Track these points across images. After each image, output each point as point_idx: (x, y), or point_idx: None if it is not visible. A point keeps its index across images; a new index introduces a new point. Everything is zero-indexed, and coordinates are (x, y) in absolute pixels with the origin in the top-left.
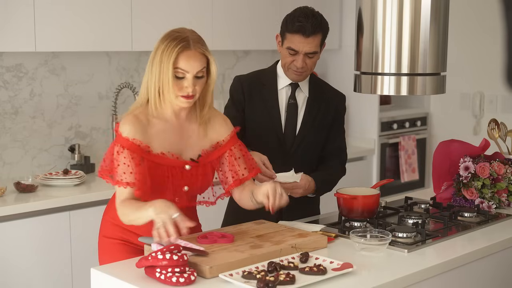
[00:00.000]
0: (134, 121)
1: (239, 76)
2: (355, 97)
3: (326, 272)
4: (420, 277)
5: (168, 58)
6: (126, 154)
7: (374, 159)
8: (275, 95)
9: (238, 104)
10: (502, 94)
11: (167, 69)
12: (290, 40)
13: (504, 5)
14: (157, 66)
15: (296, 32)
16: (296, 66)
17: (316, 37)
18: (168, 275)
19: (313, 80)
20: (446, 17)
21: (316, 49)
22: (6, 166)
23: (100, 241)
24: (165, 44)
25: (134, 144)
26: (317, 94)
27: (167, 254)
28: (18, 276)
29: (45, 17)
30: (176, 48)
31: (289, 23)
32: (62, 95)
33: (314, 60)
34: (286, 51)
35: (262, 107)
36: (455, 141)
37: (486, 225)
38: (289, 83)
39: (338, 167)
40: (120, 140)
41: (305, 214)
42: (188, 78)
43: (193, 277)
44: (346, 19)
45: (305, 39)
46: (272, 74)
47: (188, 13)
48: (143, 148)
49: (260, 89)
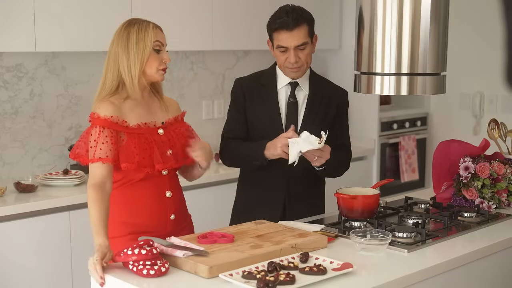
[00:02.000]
0: (109, 103)
1: (239, 78)
2: (355, 97)
3: (326, 272)
4: (420, 277)
5: (145, 35)
6: (107, 132)
7: (374, 159)
8: (274, 94)
9: (239, 106)
10: (502, 94)
11: (149, 45)
12: (277, 38)
13: (504, 5)
14: (134, 47)
15: (279, 28)
16: (290, 63)
17: (300, 29)
18: (140, 268)
19: (313, 77)
20: (446, 17)
21: (305, 40)
22: (6, 166)
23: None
24: (136, 27)
25: (113, 122)
26: (317, 92)
27: (135, 250)
28: (18, 276)
29: (45, 17)
30: (149, 25)
31: (272, 23)
32: (62, 95)
33: (307, 52)
34: (277, 51)
35: (262, 107)
36: (455, 141)
37: (486, 225)
38: (288, 82)
39: (343, 157)
40: (99, 121)
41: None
42: (164, 50)
43: (163, 269)
44: (346, 19)
45: (290, 33)
46: (271, 75)
47: (188, 13)
48: (121, 124)
49: (260, 89)
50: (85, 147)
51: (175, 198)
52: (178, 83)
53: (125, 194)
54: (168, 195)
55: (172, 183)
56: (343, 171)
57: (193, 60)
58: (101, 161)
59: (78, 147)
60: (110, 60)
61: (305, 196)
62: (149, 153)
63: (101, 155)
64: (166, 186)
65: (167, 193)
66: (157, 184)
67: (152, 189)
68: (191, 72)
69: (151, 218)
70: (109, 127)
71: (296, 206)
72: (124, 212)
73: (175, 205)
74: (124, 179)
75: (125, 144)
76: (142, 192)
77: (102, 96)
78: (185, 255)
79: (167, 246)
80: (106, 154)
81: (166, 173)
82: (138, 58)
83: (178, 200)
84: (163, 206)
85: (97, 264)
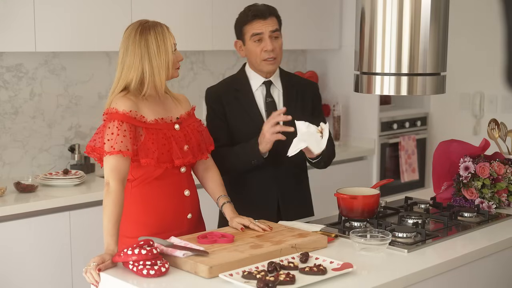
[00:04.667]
0: (126, 98)
1: (210, 87)
2: (355, 97)
3: (326, 272)
4: (420, 277)
5: (168, 38)
6: (126, 127)
7: (374, 159)
8: (251, 97)
9: (219, 113)
10: (502, 94)
11: (170, 52)
12: (252, 28)
13: (504, 5)
14: (156, 55)
15: (253, 18)
16: (267, 51)
17: (273, 18)
18: (140, 268)
19: (283, 74)
20: (446, 17)
21: (277, 26)
22: (6, 166)
23: (122, 241)
24: (153, 34)
25: (131, 117)
26: (290, 87)
27: (135, 250)
28: (18, 276)
29: (45, 17)
30: (164, 29)
31: (243, 17)
32: (62, 95)
33: (280, 42)
34: (251, 43)
35: (241, 111)
36: (455, 141)
37: (486, 225)
38: (262, 82)
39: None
40: (117, 115)
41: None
42: (177, 50)
43: (163, 269)
44: (346, 19)
45: (265, 21)
46: (243, 78)
47: (188, 13)
48: (139, 119)
49: (235, 95)
50: (103, 140)
51: (193, 196)
52: (178, 83)
53: (144, 193)
54: (186, 194)
55: (190, 182)
56: (332, 159)
57: (193, 60)
58: (122, 154)
59: (94, 140)
60: (125, 67)
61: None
62: (168, 149)
63: (122, 148)
64: (184, 184)
65: (186, 192)
66: (176, 182)
67: (172, 187)
68: (191, 72)
69: (169, 217)
70: (127, 121)
71: (289, 205)
72: (142, 212)
73: (192, 204)
74: (144, 176)
75: (143, 140)
76: (161, 191)
77: (117, 93)
78: (185, 255)
79: (167, 246)
80: (127, 147)
81: (184, 171)
82: (163, 67)
83: (195, 199)
84: (181, 205)
85: (92, 270)
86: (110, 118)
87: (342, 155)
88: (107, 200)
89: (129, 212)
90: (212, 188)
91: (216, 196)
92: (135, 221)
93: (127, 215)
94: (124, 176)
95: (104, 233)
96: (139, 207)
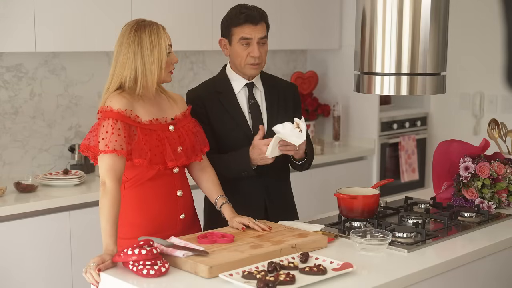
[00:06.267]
0: (121, 97)
1: (191, 90)
2: (355, 97)
3: (326, 272)
4: (420, 277)
5: (162, 37)
6: (121, 125)
7: (374, 159)
8: (234, 100)
9: (202, 117)
10: (502, 94)
11: (164, 51)
12: (241, 31)
13: (504, 5)
14: (149, 54)
15: (244, 22)
16: (253, 57)
17: (262, 25)
18: (140, 268)
19: (264, 75)
20: (446, 17)
21: (266, 33)
22: (6, 166)
23: (120, 243)
24: (148, 32)
25: (126, 116)
26: (271, 89)
27: (135, 250)
28: (18, 276)
29: (45, 17)
30: (160, 29)
31: (234, 18)
32: (62, 95)
33: (266, 48)
34: (238, 45)
35: (225, 114)
36: (455, 141)
37: (486, 225)
38: (245, 84)
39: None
40: (112, 114)
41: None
42: (172, 52)
43: (163, 269)
44: (346, 19)
45: (255, 27)
46: (224, 80)
47: (188, 13)
48: (134, 119)
49: (218, 97)
50: (97, 139)
51: (186, 197)
52: (178, 83)
53: (138, 194)
54: (179, 194)
55: (183, 182)
56: (312, 160)
57: (193, 60)
58: (116, 153)
59: (89, 138)
60: (118, 65)
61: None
62: (161, 150)
63: (116, 147)
64: (177, 185)
65: (178, 192)
66: (168, 183)
67: (164, 188)
68: (191, 72)
69: (162, 218)
70: (122, 120)
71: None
72: (137, 214)
73: (185, 204)
74: (136, 177)
75: (137, 140)
76: (154, 192)
77: (110, 92)
78: (185, 255)
79: (167, 246)
80: (121, 146)
81: (177, 171)
82: (155, 66)
83: (188, 199)
84: (174, 205)
85: (92, 270)
86: (104, 116)
87: (342, 155)
88: (104, 200)
89: (122, 213)
90: (209, 188)
91: (214, 196)
92: (128, 223)
93: (120, 216)
94: (120, 175)
95: (102, 233)
96: (132, 208)
